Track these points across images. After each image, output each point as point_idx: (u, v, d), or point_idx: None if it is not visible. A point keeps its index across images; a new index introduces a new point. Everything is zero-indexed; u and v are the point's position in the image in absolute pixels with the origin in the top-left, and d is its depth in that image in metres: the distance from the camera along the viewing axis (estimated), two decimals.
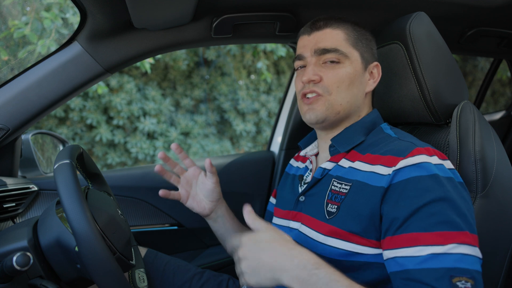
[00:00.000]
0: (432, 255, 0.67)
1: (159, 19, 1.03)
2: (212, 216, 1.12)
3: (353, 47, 0.90)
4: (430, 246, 0.68)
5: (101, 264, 0.70)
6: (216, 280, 1.13)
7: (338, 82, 0.87)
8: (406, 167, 0.75)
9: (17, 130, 1.10)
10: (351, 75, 0.88)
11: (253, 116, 4.51)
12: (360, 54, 0.90)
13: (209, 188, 1.06)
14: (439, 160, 0.76)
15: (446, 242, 0.67)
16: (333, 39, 0.89)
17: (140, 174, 1.55)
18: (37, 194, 1.29)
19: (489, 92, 4.87)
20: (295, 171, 1.07)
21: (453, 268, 0.66)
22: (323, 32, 0.90)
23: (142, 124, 4.05)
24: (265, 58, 4.38)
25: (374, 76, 0.93)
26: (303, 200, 0.92)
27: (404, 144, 0.80)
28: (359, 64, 0.90)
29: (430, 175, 0.73)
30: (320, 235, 0.82)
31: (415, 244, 0.69)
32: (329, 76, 0.88)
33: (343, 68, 0.88)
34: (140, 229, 1.47)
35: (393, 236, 0.72)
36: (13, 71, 2.77)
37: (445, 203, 0.71)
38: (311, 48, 0.90)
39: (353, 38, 0.90)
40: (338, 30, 0.90)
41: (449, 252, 0.67)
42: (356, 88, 0.89)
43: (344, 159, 0.88)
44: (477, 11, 1.19)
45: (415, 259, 0.68)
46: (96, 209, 0.80)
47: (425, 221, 0.69)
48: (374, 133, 0.90)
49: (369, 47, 0.93)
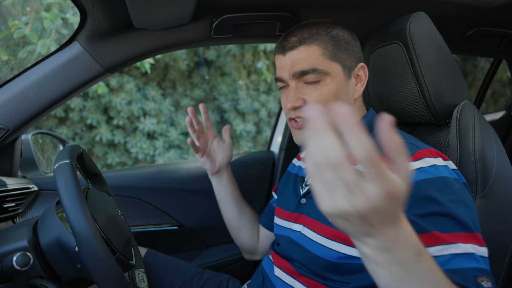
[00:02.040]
0: (454, 255, 0.65)
1: (159, 19, 1.03)
2: (219, 175, 1.21)
3: (332, 60, 0.85)
4: (451, 245, 0.66)
5: (101, 264, 0.70)
6: (216, 280, 1.13)
7: (323, 101, 0.84)
8: (412, 170, 0.73)
9: (17, 130, 1.10)
10: (335, 91, 0.85)
11: (253, 116, 4.50)
12: (341, 64, 0.86)
13: (222, 148, 1.19)
14: (443, 162, 0.75)
15: (464, 242, 0.66)
16: (309, 58, 0.84)
17: (140, 174, 1.55)
18: (37, 194, 1.29)
19: (489, 92, 4.86)
20: (297, 170, 1.06)
21: (475, 268, 0.65)
22: (297, 51, 0.85)
23: (142, 124, 4.05)
24: (265, 58, 4.38)
25: (361, 78, 0.90)
26: (304, 202, 0.92)
27: (406, 146, 0.79)
28: (341, 76, 0.86)
29: (438, 177, 0.71)
30: (322, 237, 0.82)
31: (436, 243, 0.66)
32: (313, 98, 0.85)
33: (325, 86, 0.84)
34: (140, 229, 1.47)
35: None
36: (13, 71, 2.77)
37: (457, 205, 0.69)
38: (288, 71, 0.86)
39: (330, 51, 0.85)
40: (313, 45, 0.84)
41: (468, 252, 0.66)
42: (342, 101, 0.86)
43: None
44: (477, 11, 1.19)
45: (437, 259, 0.66)
46: (96, 209, 0.80)
47: (440, 223, 0.68)
48: (373, 134, 0.89)
49: (350, 51, 0.88)
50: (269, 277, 0.95)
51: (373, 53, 1.03)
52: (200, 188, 1.61)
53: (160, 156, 4.13)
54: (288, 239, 0.93)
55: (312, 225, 0.86)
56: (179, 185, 1.59)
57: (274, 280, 0.93)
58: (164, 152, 4.16)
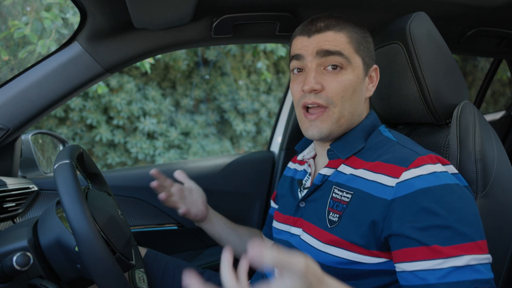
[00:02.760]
0: (454, 268, 0.66)
1: (159, 19, 1.03)
2: (207, 218, 1.16)
3: (356, 52, 0.84)
4: (451, 259, 0.66)
5: (101, 264, 0.70)
6: (216, 280, 1.13)
7: (342, 91, 0.82)
8: (410, 179, 0.72)
9: (17, 130, 1.10)
10: (354, 83, 0.83)
11: (253, 116, 4.51)
12: (362, 59, 0.85)
13: (188, 191, 1.14)
14: (443, 167, 0.74)
15: (465, 254, 0.66)
16: (336, 42, 0.82)
17: (140, 174, 1.55)
18: (37, 194, 1.29)
19: (489, 92, 4.86)
20: (293, 173, 1.05)
21: (475, 280, 0.65)
22: (325, 35, 0.83)
23: (142, 124, 4.05)
24: (265, 58, 4.38)
25: (373, 80, 0.89)
26: (303, 206, 0.90)
27: (405, 152, 0.77)
28: (361, 70, 0.85)
29: (438, 186, 0.70)
30: (321, 243, 0.81)
31: (435, 257, 0.67)
32: (332, 86, 0.81)
33: (346, 76, 0.82)
34: (140, 229, 1.47)
35: (409, 249, 0.69)
36: (13, 71, 2.77)
37: (457, 215, 0.69)
38: (312, 50, 0.83)
39: (355, 42, 0.84)
40: (341, 33, 0.83)
41: (469, 264, 0.66)
42: (358, 96, 0.85)
43: (343, 164, 0.85)
44: (477, 11, 1.19)
45: (437, 272, 0.66)
46: (96, 209, 0.80)
47: (441, 236, 0.68)
48: (373, 136, 0.87)
49: (369, 50, 0.88)
50: (268, 278, 0.95)
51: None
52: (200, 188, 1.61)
53: (160, 156, 4.13)
54: (287, 243, 0.92)
55: (311, 230, 0.85)
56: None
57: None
58: (164, 152, 4.16)
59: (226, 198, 1.67)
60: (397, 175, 0.73)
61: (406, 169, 0.73)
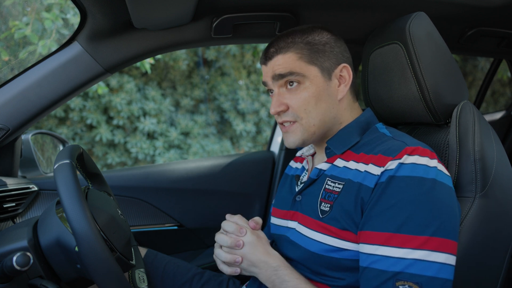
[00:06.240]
0: (382, 257, 0.72)
1: (159, 19, 1.04)
2: None
3: (309, 64, 0.88)
4: (384, 247, 0.72)
5: (101, 264, 0.70)
6: (217, 280, 1.13)
7: (304, 105, 0.88)
8: (394, 168, 0.76)
9: (17, 130, 1.10)
10: (315, 93, 0.88)
11: (253, 116, 4.51)
12: (319, 67, 0.89)
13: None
14: (428, 161, 0.76)
15: (405, 246, 0.71)
16: (286, 63, 0.89)
17: (140, 174, 1.55)
18: (37, 194, 1.30)
19: (489, 92, 4.87)
20: (294, 171, 1.07)
21: (397, 272, 0.70)
22: (275, 59, 0.90)
23: (142, 124, 4.05)
24: None
25: (345, 79, 0.91)
26: (299, 200, 0.93)
27: (396, 144, 0.81)
28: (319, 78, 0.89)
29: (412, 177, 0.74)
30: (312, 231, 0.85)
31: (373, 242, 0.74)
32: (294, 102, 0.89)
33: (305, 90, 0.88)
34: (140, 229, 1.48)
35: (364, 232, 0.76)
36: (13, 71, 2.77)
37: (419, 205, 0.72)
38: (270, 76, 0.92)
39: (307, 55, 0.89)
40: (289, 53, 0.89)
41: (401, 257, 0.70)
42: (325, 102, 0.89)
43: (339, 159, 0.89)
44: (477, 11, 1.19)
45: (371, 257, 0.74)
46: (96, 209, 0.80)
47: (391, 221, 0.73)
48: (369, 132, 0.90)
49: (329, 53, 0.90)
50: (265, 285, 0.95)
51: (373, 53, 1.03)
52: (200, 188, 1.61)
53: (160, 156, 4.13)
54: (284, 237, 0.94)
55: (305, 221, 0.88)
56: (179, 185, 1.59)
57: None
58: (164, 152, 4.16)
59: (226, 198, 1.67)
60: (383, 164, 0.78)
61: (392, 158, 0.77)
